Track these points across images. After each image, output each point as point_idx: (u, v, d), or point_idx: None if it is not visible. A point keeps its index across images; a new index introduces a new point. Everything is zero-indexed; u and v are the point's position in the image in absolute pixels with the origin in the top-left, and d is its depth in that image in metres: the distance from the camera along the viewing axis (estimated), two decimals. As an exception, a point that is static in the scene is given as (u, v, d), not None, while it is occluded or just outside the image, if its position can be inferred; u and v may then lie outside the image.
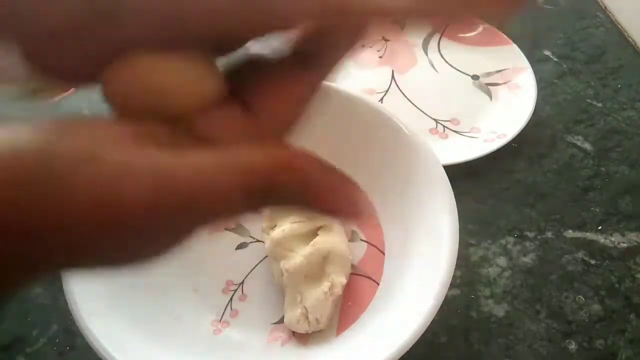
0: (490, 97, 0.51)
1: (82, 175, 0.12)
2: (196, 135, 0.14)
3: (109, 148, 0.12)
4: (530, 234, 0.41)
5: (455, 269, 0.29)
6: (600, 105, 0.51)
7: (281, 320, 0.34)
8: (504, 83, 0.51)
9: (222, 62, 0.16)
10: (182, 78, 0.15)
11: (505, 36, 0.53)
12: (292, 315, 0.33)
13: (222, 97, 0.15)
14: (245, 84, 0.16)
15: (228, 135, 0.15)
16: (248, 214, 0.14)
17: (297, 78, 0.16)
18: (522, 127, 0.45)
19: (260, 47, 0.16)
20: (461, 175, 0.37)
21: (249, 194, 0.13)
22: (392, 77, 0.53)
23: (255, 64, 0.16)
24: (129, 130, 0.13)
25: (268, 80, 0.16)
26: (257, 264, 0.37)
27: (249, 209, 0.14)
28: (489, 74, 0.53)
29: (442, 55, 0.55)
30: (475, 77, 0.53)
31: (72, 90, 0.15)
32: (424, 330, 0.27)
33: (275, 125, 0.15)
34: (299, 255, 0.33)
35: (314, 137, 0.41)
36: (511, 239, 0.41)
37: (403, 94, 0.51)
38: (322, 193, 0.14)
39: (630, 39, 0.57)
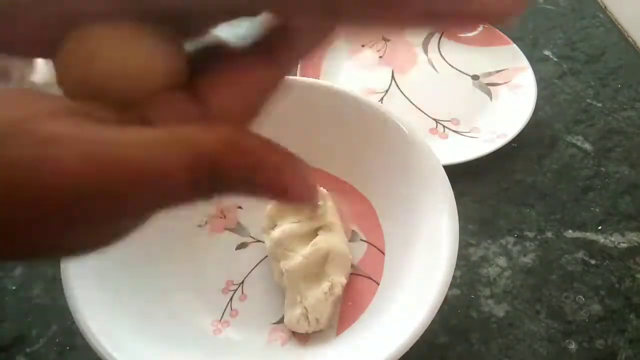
0: (490, 97, 0.51)
1: (3, 149, 0.11)
2: (140, 116, 0.13)
3: (38, 121, 0.11)
4: (530, 234, 0.41)
5: (455, 269, 0.29)
6: (600, 105, 0.51)
7: (281, 320, 0.34)
8: (504, 83, 0.51)
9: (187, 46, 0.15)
10: (143, 58, 0.13)
11: (505, 36, 0.53)
12: (292, 315, 0.33)
13: (183, 80, 0.14)
14: (201, 70, 0.14)
15: (173, 120, 0.13)
16: (197, 200, 0.13)
17: (256, 69, 0.14)
18: (522, 127, 0.45)
19: (227, 33, 0.15)
20: (461, 175, 0.37)
21: (196, 176, 0.12)
22: (392, 77, 0.53)
23: (217, 51, 0.15)
24: (66, 105, 0.12)
25: (224, 69, 0.14)
26: (257, 264, 0.37)
27: (197, 194, 0.12)
28: (489, 74, 0.53)
29: (442, 55, 0.55)
30: (475, 77, 0.53)
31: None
32: (424, 330, 0.27)
33: (226, 117, 0.14)
34: (299, 255, 0.33)
35: (314, 138, 0.41)
36: (511, 239, 0.41)
37: (403, 94, 0.52)
38: (273, 178, 0.13)
39: (630, 39, 0.57)
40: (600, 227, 0.41)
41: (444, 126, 0.49)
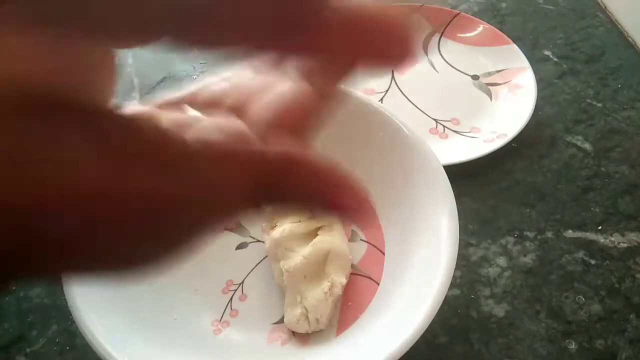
0: (490, 97, 0.51)
1: None
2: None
3: None
4: (530, 234, 0.41)
5: (455, 269, 0.29)
6: (600, 105, 0.51)
7: (281, 320, 0.34)
8: (504, 83, 0.51)
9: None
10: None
11: (505, 36, 0.53)
12: (292, 315, 0.33)
13: None
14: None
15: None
16: (250, 212, 0.13)
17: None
18: (522, 127, 0.45)
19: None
20: (461, 175, 0.37)
21: (255, 188, 0.12)
22: (392, 77, 0.53)
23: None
24: None
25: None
26: (257, 264, 0.37)
27: (253, 205, 0.12)
28: (489, 74, 0.53)
29: (442, 55, 0.55)
30: (475, 77, 0.53)
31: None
32: (424, 330, 0.27)
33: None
34: (299, 255, 0.33)
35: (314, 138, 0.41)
36: (511, 239, 0.41)
37: (403, 94, 0.52)
38: (329, 191, 0.13)
39: (630, 39, 0.57)
40: (600, 227, 0.41)
41: (444, 126, 0.49)
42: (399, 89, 0.52)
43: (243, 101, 0.15)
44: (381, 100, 0.51)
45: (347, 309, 0.34)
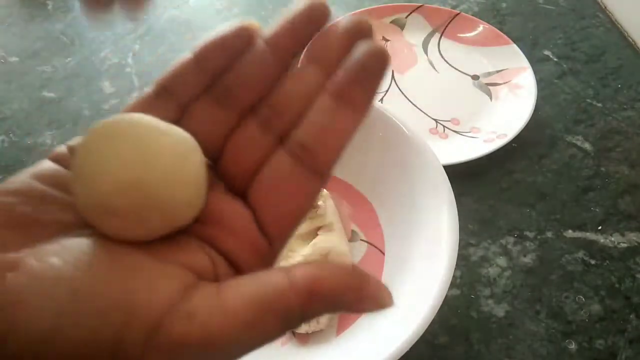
0: (490, 97, 0.51)
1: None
2: (229, 261, 0.16)
3: (186, 300, 0.14)
4: (530, 234, 0.41)
5: (455, 269, 0.29)
6: (600, 105, 0.51)
7: (281, 320, 0.34)
8: (504, 83, 0.51)
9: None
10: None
11: (505, 36, 0.53)
12: (292, 315, 0.33)
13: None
14: (246, 185, 0.17)
15: (254, 261, 0.16)
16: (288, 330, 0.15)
17: (300, 182, 0.16)
18: (522, 127, 0.45)
19: None
20: (461, 175, 0.37)
21: (288, 324, 0.14)
22: (392, 77, 0.53)
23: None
24: (186, 277, 0.14)
25: (273, 183, 0.16)
26: (257, 264, 0.37)
27: (287, 331, 0.15)
28: (489, 74, 0.53)
29: (442, 55, 0.55)
30: (475, 77, 0.53)
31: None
32: (424, 330, 0.27)
33: (281, 224, 0.16)
34: (299, 255, 0.33)
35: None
36: (511, 239, 0.41)
37: (403, 94, 0.52)
38: (351, 304, 0.15)
39: (630, 39, 0.57)
40: (600, 227, 0.41)
41: (444, 126, 0.49)
42: (399, 89, 0.52)
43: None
44: (381, 100, 0.51)
45: (347, 309, 0.34)
